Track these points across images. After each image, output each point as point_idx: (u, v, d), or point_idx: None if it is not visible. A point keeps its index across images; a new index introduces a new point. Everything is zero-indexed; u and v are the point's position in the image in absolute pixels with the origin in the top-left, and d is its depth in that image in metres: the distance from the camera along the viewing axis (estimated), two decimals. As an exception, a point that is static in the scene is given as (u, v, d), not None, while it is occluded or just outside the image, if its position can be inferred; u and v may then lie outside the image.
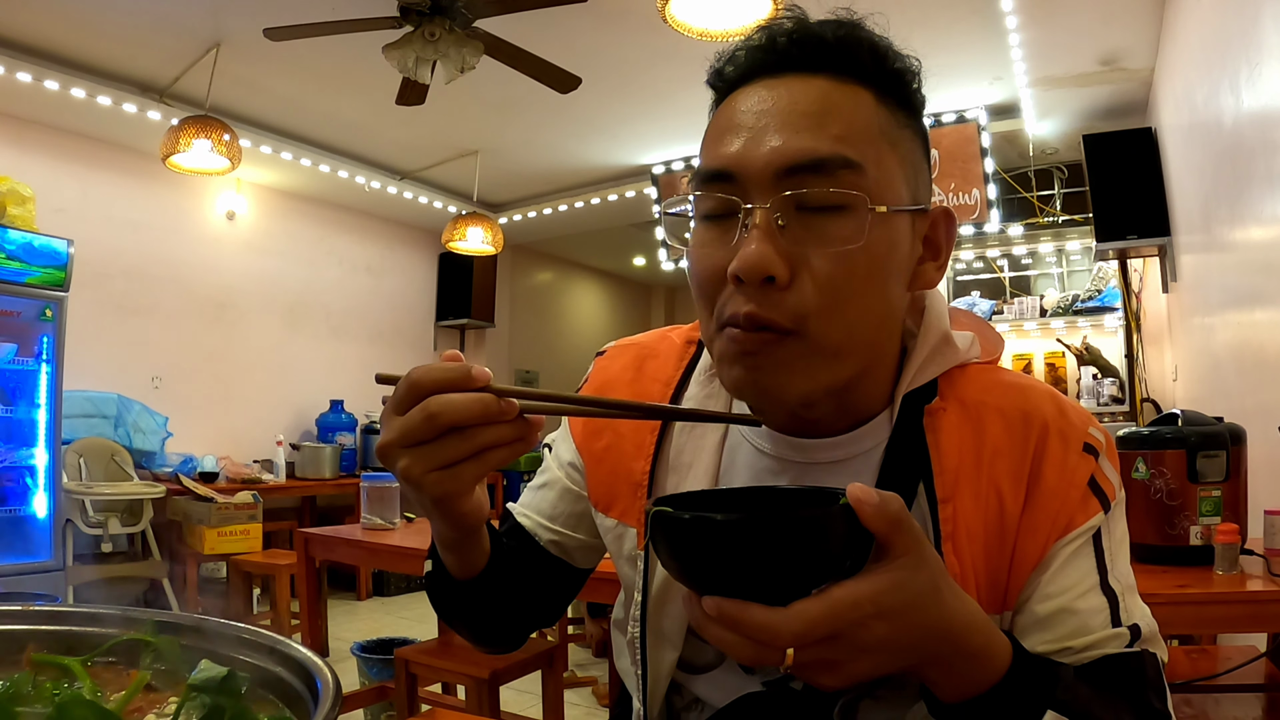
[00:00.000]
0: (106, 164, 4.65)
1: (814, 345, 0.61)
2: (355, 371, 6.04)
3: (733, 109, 0.65)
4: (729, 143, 0.63)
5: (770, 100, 0.63)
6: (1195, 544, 1.65)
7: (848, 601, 0.48)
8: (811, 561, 0.48)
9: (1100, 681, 0.62)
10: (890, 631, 0.49)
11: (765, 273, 0.59)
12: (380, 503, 2.69)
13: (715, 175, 0.63)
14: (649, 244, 6.84)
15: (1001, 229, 4.49)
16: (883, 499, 0.49)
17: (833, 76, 0.63)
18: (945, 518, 0.66)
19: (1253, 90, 2.14)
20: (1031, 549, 0.65)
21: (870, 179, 0.61)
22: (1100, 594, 0.65)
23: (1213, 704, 1.66)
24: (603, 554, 0.86)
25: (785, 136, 0.61)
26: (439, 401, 0.53)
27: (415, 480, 0.56)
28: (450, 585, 0.75)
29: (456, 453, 0.55)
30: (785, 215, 0.60)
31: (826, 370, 0.63)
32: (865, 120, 0.62)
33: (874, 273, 0.62)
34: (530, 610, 0.83)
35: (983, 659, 0.54)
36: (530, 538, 0.83)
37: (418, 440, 0.54)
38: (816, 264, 0.60)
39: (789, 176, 0.60)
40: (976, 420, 0.68)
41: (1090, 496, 0.66)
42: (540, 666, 2.48)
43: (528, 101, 4.25)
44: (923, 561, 0.51)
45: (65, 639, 0.60)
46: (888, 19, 0.68)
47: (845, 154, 0.60)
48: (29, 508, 3.74)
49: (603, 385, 0.83)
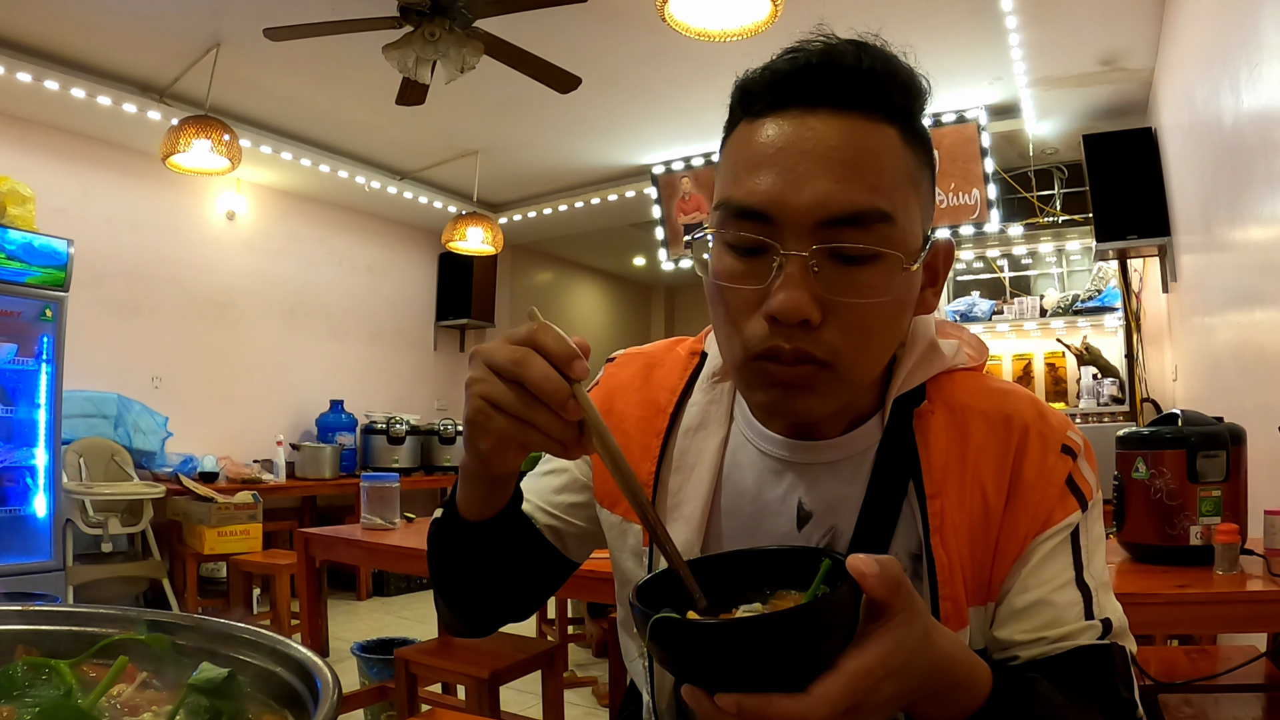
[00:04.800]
0: (106, 164, 4.65)
1: (843, 378, 0.66)
2: (355, 371, 6.05)
3: (764, 139, 0.66)
4: (763, 179, 0.64)
5: (807, 140, 0.64)
6: (1195, 544, 1.65)
7: (862, 672, 0.49)
8: (827, 643, 0.49)
9: (1072, 677, 0.66)
10: (897, 687, 0.51)
11: (802, 317, 0.63)
12: (380, 503, 2.69)
13: (750, 213, 0.65)
14: (649, 244, 6.82)
15: (1001, 229, 4.49)
16: (883, 566, 0.51)
17: (863, 115, 0.65)
18: (933, 513, 0.70)
19: (1253, 90, 2.14)
20: (1012, 543, 0.70)
21: (900, 230, 0.64)
22: (1076, 588, 0.69)
23: (1213, 704, 1.66)
24: (593, 547, 0.88)
25: (825, 186, 0.63)
26: (530, 356, 0.57)
27: (471, 393, 0.60)
28: (457, 529, 0.75)
29: (510, 404, 0.58)
30: (820, 263, 0.63)
31: (847, 394, 0.69)
32: (895, 167, 0.65)
33: (897, 315, 0.68)
34: (512, 594, 0.83)
35: (968, 686, 0.57)
36: (527, 521, 0.84)
37: (496, 366, 0.58)
38: (846, 310, 0.64)
39: (827, 227, 0.63)
40: (962, 422, 0.73)
41: (1068, 495, 0.71)
42: (540, 666, 2.48)
43: (528, 101, 4.25)
44: (915, 613, 0.53)
45: (63, 639, 0.60)
46: (882, 21, 0.69)
47: (881, 207, 0.63)
48: (29, 508, 3.74)
49: (612, 391, 0.86)
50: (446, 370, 6.67)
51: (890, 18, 3.34)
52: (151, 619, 0.61)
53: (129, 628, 0.61)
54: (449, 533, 0.76)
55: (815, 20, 0.71)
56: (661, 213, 5.24)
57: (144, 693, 0.56)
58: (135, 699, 0.55)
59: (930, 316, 0.78)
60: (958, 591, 0.69)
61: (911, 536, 0.72)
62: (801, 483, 0.75)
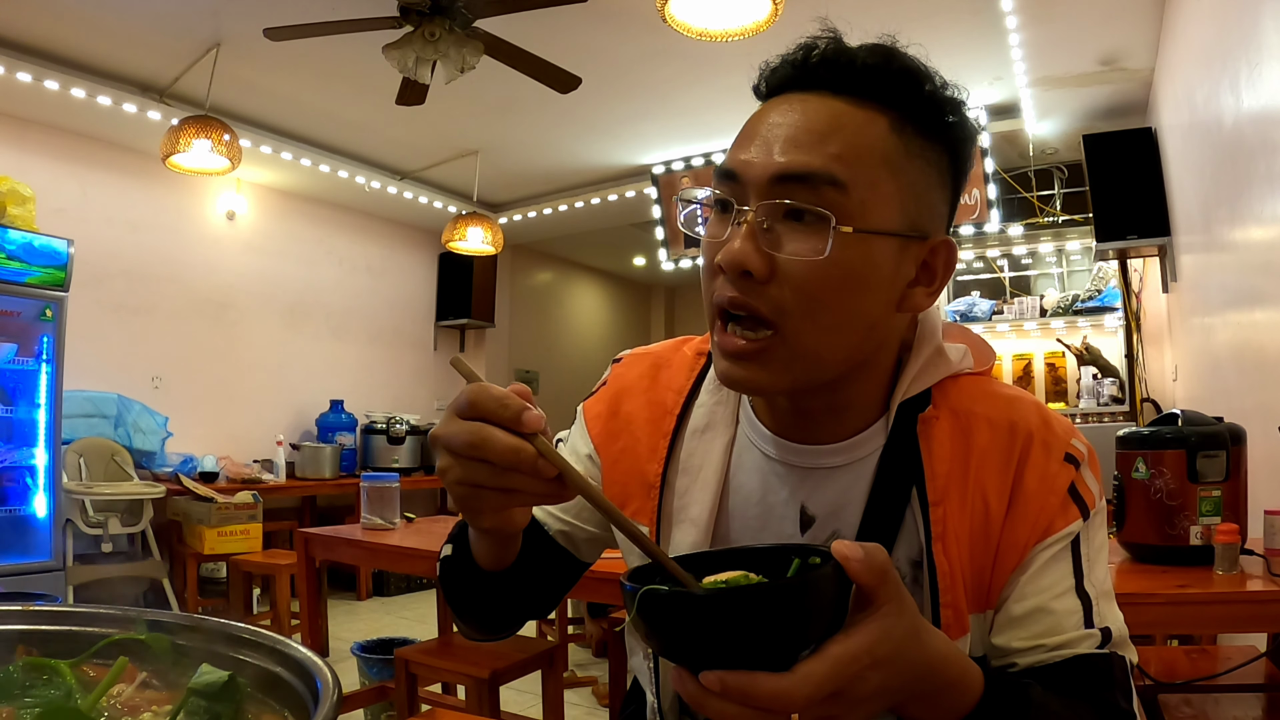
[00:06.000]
0: (106, 164, 4.65)
1: (791, 346, 0.66)
2: (355, 371, 6.05)
3: (757, 118, 0.70)
4: (744, 148, 0.68)
5: (789, 115, 0.68)
6: (1195, 544, 1.65)
7: (847, 658, 0.49)
8: (812, 621, 0.49)
9: (1069, 685, 0.65)
10: (883, 679, 0.51)
11: (742, 267, 0.64)
12: (380, 503, 2.69)
13: (724, 174, 0.69)
14: (649, 244, 6.83)
15: (1001, 229, 4.49)
16: (868, 553, 0.51)
17: (854, 100, 0.67)
18: (936, 519, 0.70)
19: (1253, 90, 2.14)
20: (1013, 551, 0.70)
21: (854, 200, 0.64)
22: (1075, 596, 0.69)
23: (1213, 704, 1.66)
24: (604, 547, 0.89)
25: (786, 149, 0.66)
26: (483, 433, 0.55)
27: (446, 482, 0.59)
28: (471, 572, 0.76)
29: (485, 480, 0.57)
30: (770, 219, 0.65)
31: (803, 371, 0.68)
32: (869, 144, 0.66)
33: (847, 286, 0.66)
34: (530, 600, 0.85)
35: (960, 688, 0.57)
36: (539, 527, 0.85)
37: (457, 452, 0.56)
38: (788, 267, 0.65)
39: (778, 184, 0.65)
40: (966, 428, 0.73)
41: (1070, 504, 0.71)
42: (540, 666, 2.48)
43: (528, 101, 4.25)
44: (904, 606, 0.53)
45: (63, 639, 0.60)
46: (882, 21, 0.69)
47: (834, 172, 0.64)
48: (29, 508, 3.73)
49: (619, 392, 0.86)
50: (446, 370, 6.65)
51: (890, 17, 3.34)
52: (151, 619, 0.61)
53: (129, 628, 0.61)
54: (464, 575, 0.77)
55: (815, 20, 0.72)
56: (661, 213, 5.24)
57: (144, 693, 0.56)
58: (135, 699, 0.55)
59: (938, 319, 0.78)
60: (959, 599, 0.69)
61: (913, 543, 0.72)
62: (805, 486, 0.75)
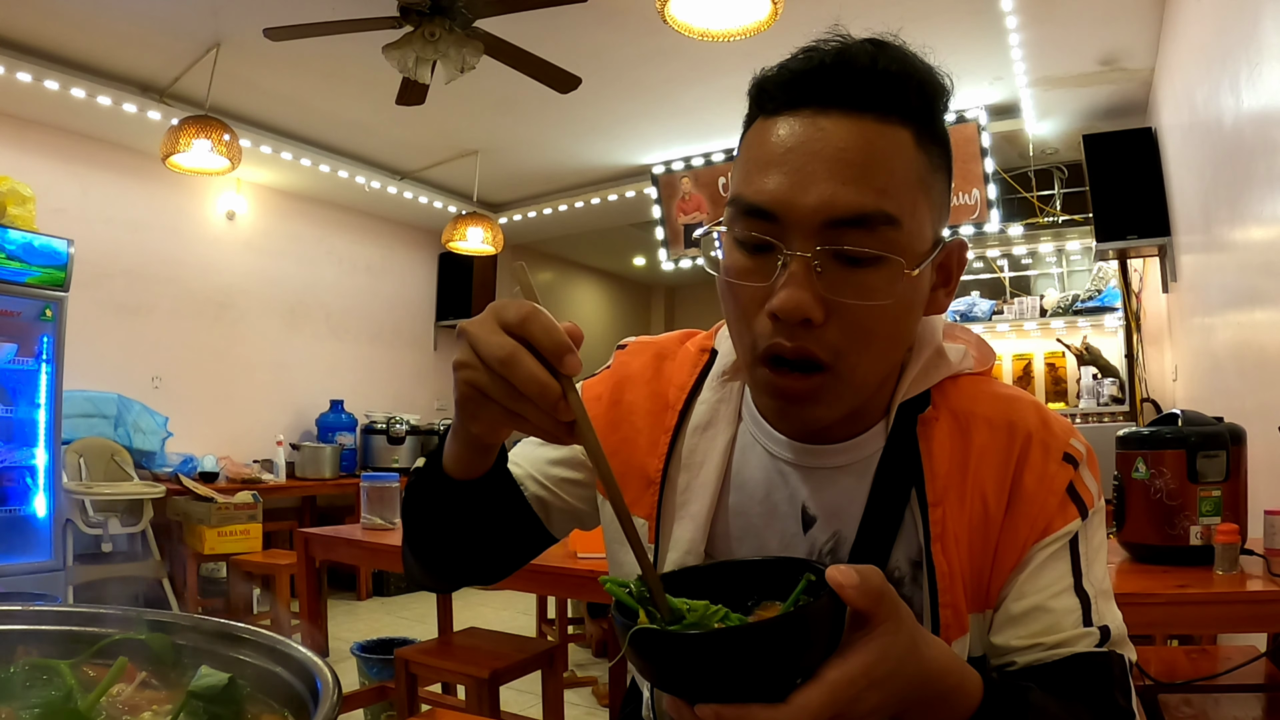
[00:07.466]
0: (106, 164, 4.65)
1: (844, 381, 0.67)
2: (355, 371, 6.05)
3: (775, 138, 0.66)
4: (771, 178, 0.64)
5: (817, 141, 0.64)
6: (1195, 544, 1.65)
7: (844, 682, 0.49)
8: (807, 653, 0.48)
9: (1068, 684, 0.65)
10: (882, 697, 0.51)
11: (803, 316, 0.63)
12: (380, 503, 2.69)
13: (757, 211, 0.65)
14: (649, 244, 6.82)
15: (1001, 229, 4.49)
16: (863, 576, 0.50)
17: (877, 117, 0.64)
18: (935, 520, 0.70)
19: (1253, 90, 2.14)
20: (1011, 550, 0.70)
21: (906, 233, 0.64)
22: (1074, 595, 0.69)
23: (1213, 704, 1.66)
24: (574, 525, 0.87)
25: (832, 187, 0.63)
26: (519, 356, 0.54)
27: (458, 377, 0.58)
28: (438, 483, 0.72)
29: (499, 397, 0.56)
30: (823, 263, 0.63)
31: (855, 398, 0.69)
32: (905, 170, 0.65)
33: (901, 317, 0.67)
34: (485, 556, 0.80)
35: (959, 695, 0.57)
36: (513, 485, 0.81)
37: (484, 359, 0.55)
38: (849, 311, 0.64)
39: (831, 228, 0.63)
40: (965, 429, 0.73)
41: (1069, 503, 0.71)
42: (540, 666, 2.47)
43: (528, 101, 4.25)
44: (900, 622, 0.52)
45: (63, 639, 0.60)
46: (882, 22, 0.69)
47: (886, 209, 0.63)
48: (29, 508, 3.73)
49: (623, 380, 0.85)
50: (447, 370, 6.59)
51: (890, 18, 3.34)
52: (151, 619, 0.61)
53: (129, 628, 0.61)
54: (430, 486, 0.73)
55: (816, 20, 0.72)
56: (661, 213, 5.24)
57: (144, 693, 0.56)
58: (135, 699, 0.55)
59: (938, 320, 0.78)
60: (958, 599, 0.69)
61: (913, 544, 0.72)
62: (806, 485, 0.75)
